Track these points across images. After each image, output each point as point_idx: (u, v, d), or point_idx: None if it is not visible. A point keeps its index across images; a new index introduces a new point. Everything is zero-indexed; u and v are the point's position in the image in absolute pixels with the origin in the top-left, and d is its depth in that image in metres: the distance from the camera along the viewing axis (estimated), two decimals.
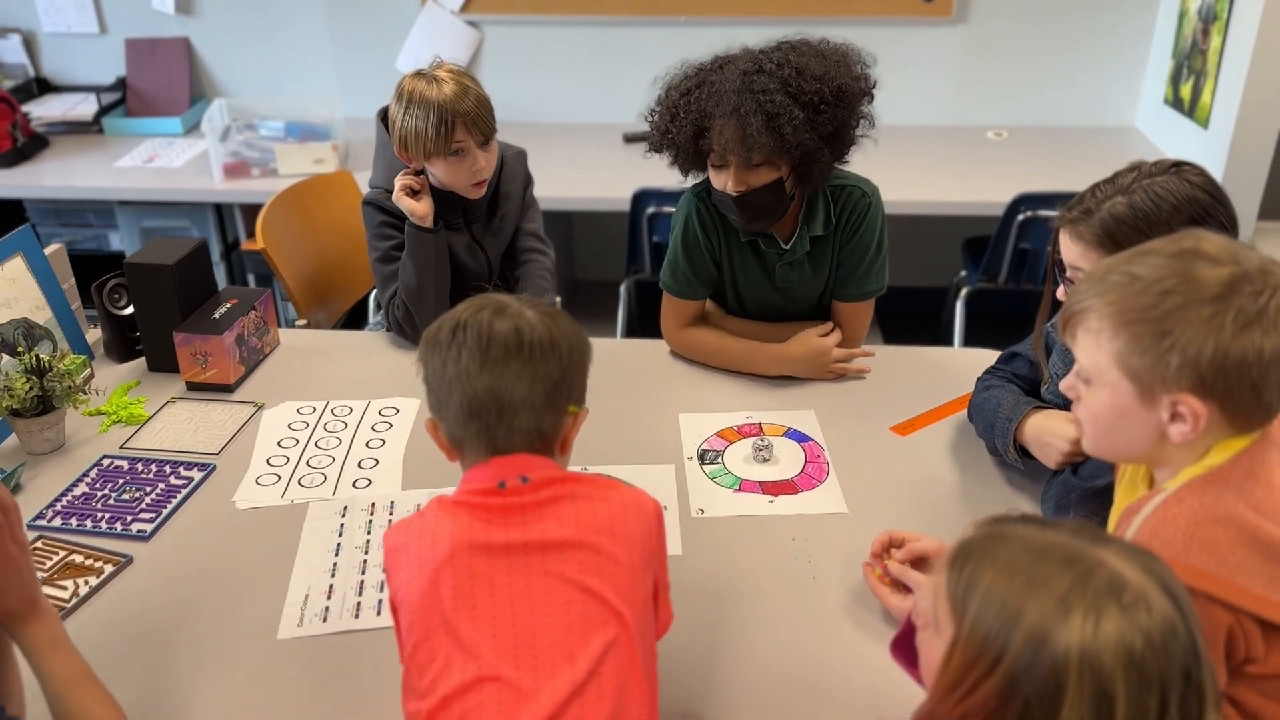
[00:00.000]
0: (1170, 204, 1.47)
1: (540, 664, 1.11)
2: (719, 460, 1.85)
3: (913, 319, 4.03)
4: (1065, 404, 1.69)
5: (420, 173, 2.14)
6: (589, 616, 1.14)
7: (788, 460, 1.84)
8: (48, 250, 2.10)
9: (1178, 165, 1.53)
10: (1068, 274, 1.56)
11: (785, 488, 1.78)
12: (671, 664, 1.38)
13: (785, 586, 1.56)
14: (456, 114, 2.01)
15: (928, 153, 3.66)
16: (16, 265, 2.02)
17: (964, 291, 3.45)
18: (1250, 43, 3.04)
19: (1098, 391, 1.20)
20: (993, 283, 3.34)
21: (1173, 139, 3.54)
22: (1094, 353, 1.19)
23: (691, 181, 2.06)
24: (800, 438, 1.90)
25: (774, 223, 2.00)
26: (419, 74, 2.08)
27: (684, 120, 1.87)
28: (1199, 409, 1.12)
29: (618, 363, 2.14)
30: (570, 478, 1.21)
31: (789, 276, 2.08)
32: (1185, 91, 3.46)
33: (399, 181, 2.12)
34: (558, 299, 2.44)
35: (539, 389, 1.19)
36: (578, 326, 1.28)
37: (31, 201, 3.75)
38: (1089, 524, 0.96)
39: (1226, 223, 1.50)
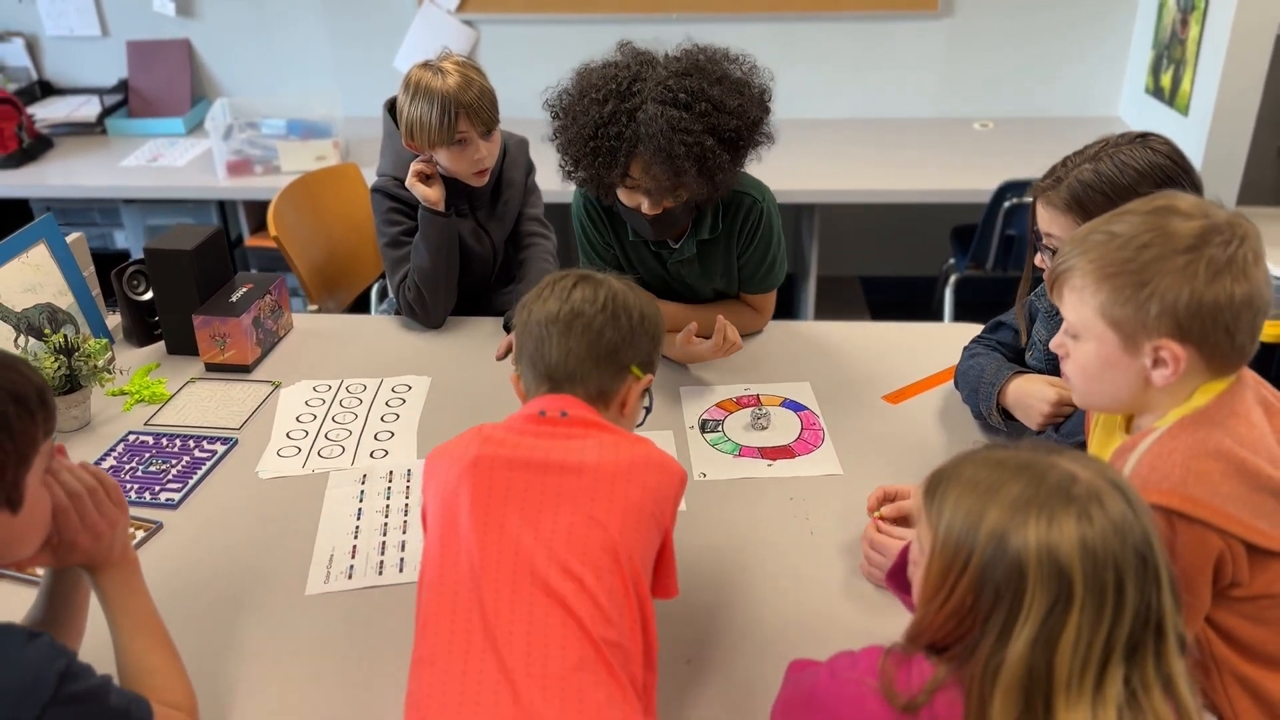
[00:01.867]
0: (1135, 170, 1.57)
1: (519, 587, 1.18)
2: (719, 429, 1.93)
3: (903, 307, 4.12)
4: (1047, 369, 1.78)
5: (429, 160, 2.22)
6: (589, 543, 1.20)
7: (784, 428, 1.93)
8: (69, 239, 2.18)
9: (1144, 136, 1.62)
10: (1043, 241, 1.65)
11: (783, 453, 1.86)
12: (676, 612, 1.47)
13: (785, 540, 1.65)
14: (460, 105, 2.10)
15: (915, 144, 3.75)
16: (40, 252, 2.10)
17: (952, 279, 3.54)
18: (1227, 31, 3.14)
19: (1085, 345, 1.29)
20: (980, 269, 3.43)
21: (1154, 127, 3.60)
22: (1079, 308, 1.28)
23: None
24: (796, 407, 1.99)
25: (679, 232, 2.09)
26: (426, 65, 2.17)
27: (608, 157, 1.90)
28: (1179, 352, 1.21)
29: None
30: (607, 426, 1.31)
31: (680, 271, 2.18)
32: (1165, 81, 3.55)
33: (414, 167, 2.20)
34: None
35: (603, 343, 1.32)
36: (655, 302, 1.42)
37: (38, 201, 3.83)
38: (1048, 443, 1.06)
39: (1191, 188, 1.59)
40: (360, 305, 2.99)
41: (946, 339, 2.18)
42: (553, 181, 2.44)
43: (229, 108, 3.71)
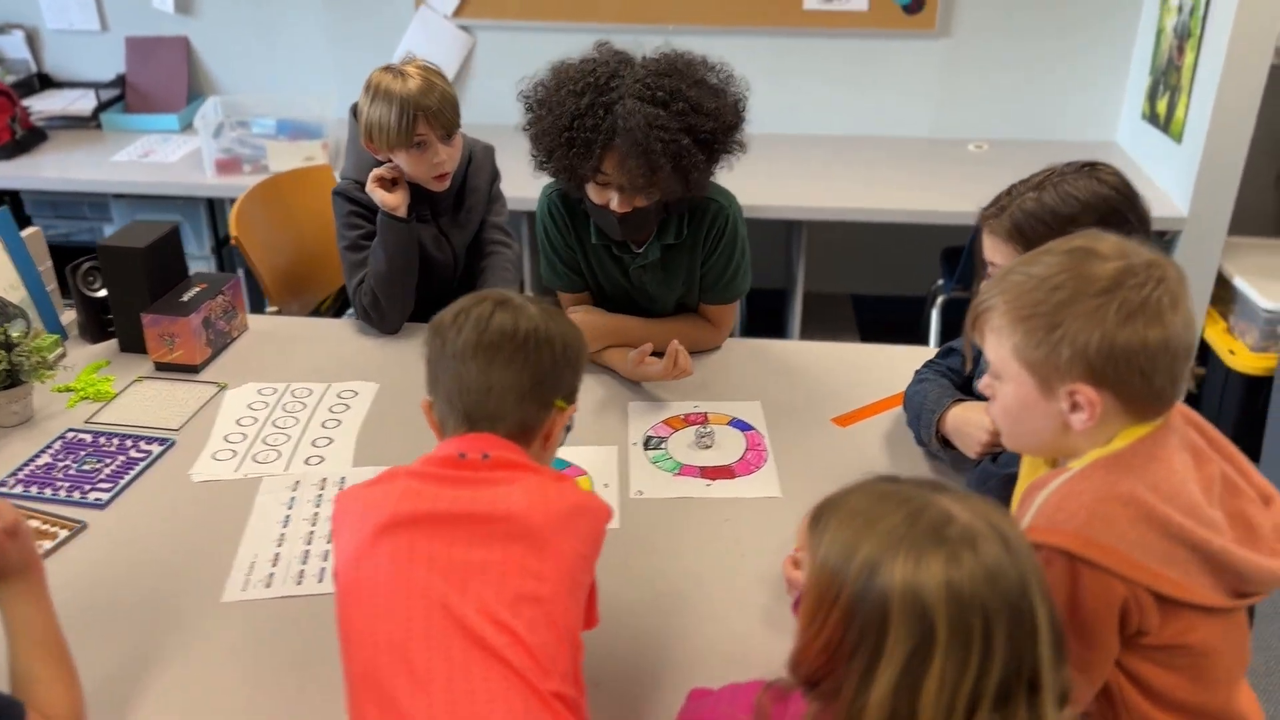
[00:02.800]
0: (1078, 200, 1.53)
1: (452, 650, 1.13)
2: (663, 446, 1.90)
3: (892, 327, 4.06)
4: None
5: (394, 166, 2.20)
6: (521, 595, 1.16)
7: (729, 447, 1.90)
8: (25, 234, 2.18)
9: (1092, 165, 1.59)
10: (988, 269, 1.62)
11: (723, 473, 1.83)
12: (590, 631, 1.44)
13: (711, 563, 1.62)
14: (419, 108, 2.08)
15: (909, 164, 3.71)
16: None
17: (940, 300, 3.50)
18: (1221, 59, 3.09)
19: (1005, 386, 1.26)
20: (966, 291, 3.39)
21: (1150, 154, 3.59)
22: (998, 349, 1.25)
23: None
24: (744, 427, 1.96)
25: (650, 234, 2.07)
26: (388, 68, 2.15)
27: (581, 149, 1.89)
28: (1094, 397, 1.18)
29: None
30: (531, 467, 1.26)
31: (642, 277, 2.15)
32: (1161, 107, 3.50)
33: (375, 172, 2.19)
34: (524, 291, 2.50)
35: (526, 377, 1.26)
36: (576, 328, 1.35)
37: (29, 193, 3.83)
38: (938, 480, 1.02)
39: (1137, 221, 1.56)
40: (345, 306, 2.97)
41: (908, 362, 2.14)
42: (519, 189, 2.44)
43: (221, 106, 3.71)
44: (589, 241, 2.13)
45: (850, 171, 3.66)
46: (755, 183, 3.46)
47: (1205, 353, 3.47)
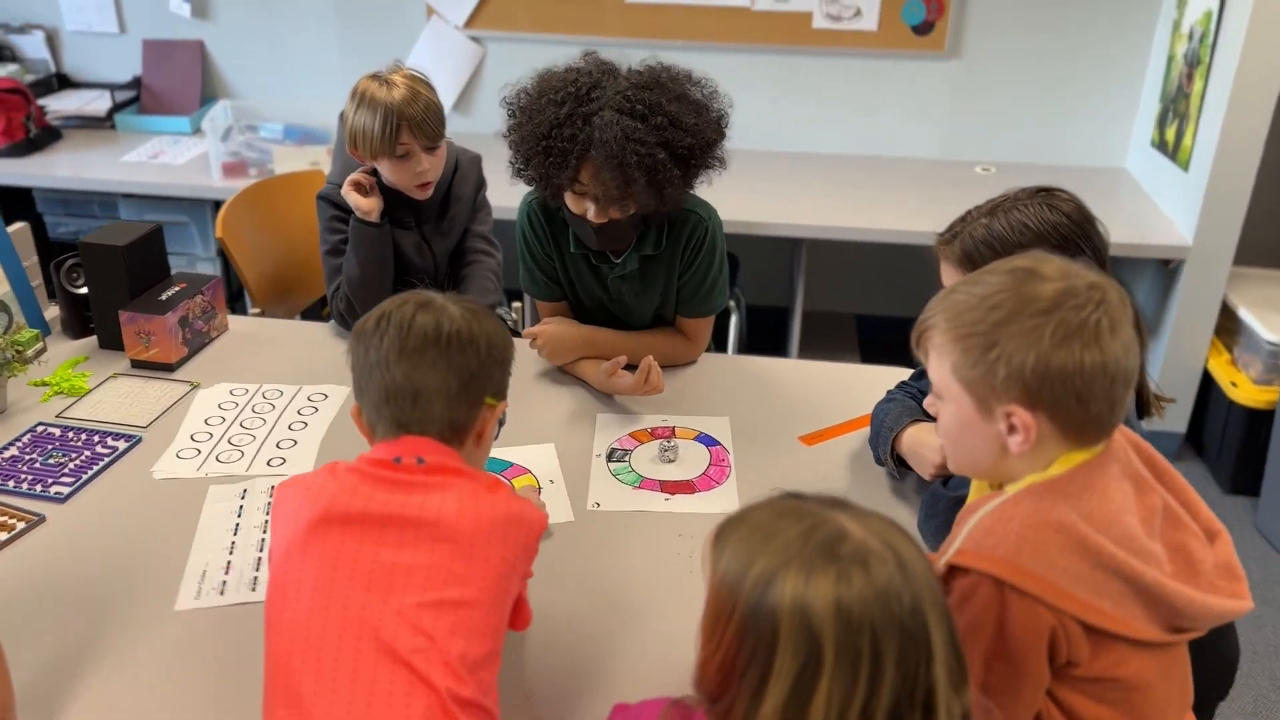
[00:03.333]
0: (1029, 229, 1.52)
1: (361, 656, 1.14)
2: (626, 459, 1.89)
3: (894, 347, 4.03)
4: None
5: (373, 171, 2.22)
6: (444, 599, 1.16)
7: (692, 462, 1.88)
8: (11, 229, 2.20)
9: (1047, 191, 1.57)
10: None
11: (683, 487, 1.82)
12: (526, 638, 1.43)
13: (659, 578, 1.60)
14: (403, 117, 2.09)
15: (916, 185, 3.69)
16: None
17: None
18: (1229, 87, 3.06)
19: (946, 406, 1.25)
20: None
21: (1158, 181, 3.55)
22: (938, 368, 1.23)
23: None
24: (709, 442, 1.94)
25: (628, 245, 2.07)
26: (375, 76, 2.17)
27: (558, 158, 1.89)
28: (1029, 420, 1.16)
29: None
30: (465, 472, 1.27)
31: (620, 288, 2.14)
32: (1170, 134, 3.47)
33: (351, 177, 2.20)
34: (506, 301, 2.50)
35: (453, 379, 1.27)
36: (501, 324, 1.35)
37: (40, 191, 3.88)
38: (846, 499, 1.01)
39: (1092, 250, 1.54)
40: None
41: (883, 382, 2.12)
42: (509, 197, 2.45)
43: (231, 109, 3.75)
44: (568, 251, 2.13)
45: (856, 191, 3.65)
46: (759, 200, 3.48)
47: (1208, 384, 3.43)
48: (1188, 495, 1.29)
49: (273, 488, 1.78)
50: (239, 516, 1.72)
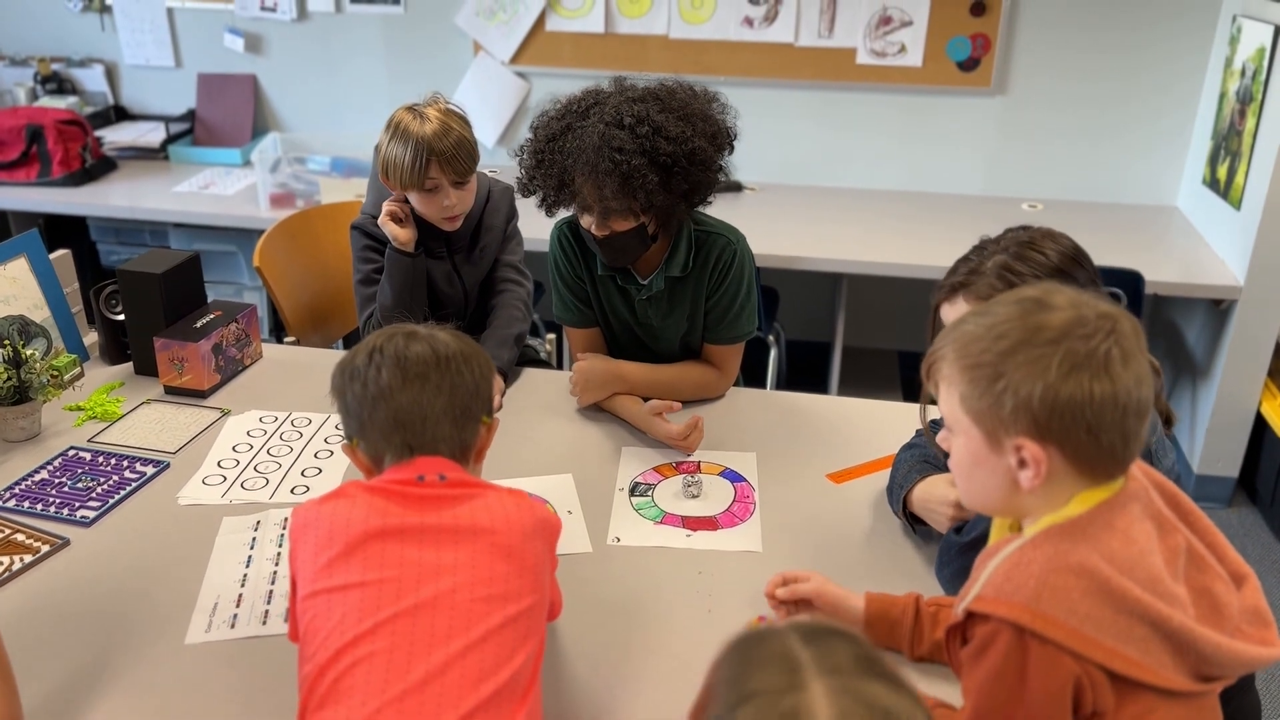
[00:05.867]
0: (1036, 255, 1.51)
1: (436, 632, 1.18)
2: (649, 494, 1.87)
3: None
4: None
5: (405, 200, 2.23)
6: (491, 598, 1.21)
7: (716, 498, 1.86)
8: (53, 256, 2.24)
9: (1039, 230, 1.57)
10: None
11: (706, 524, 1.79)
12: (549, 676, 1.41)
13: (677, 616, 1.58)
14: (433, 152, 2.10)
15: (960, 221, 3.65)
16: (19, 266, 2.16)
17: None
18: None
19: (957, 440, 1.21)
20: None
21: (1209, 220, 3.48)
22: (948, 400, 1.20)
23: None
24: (735, 478, 1.92)
25: (637, 260, 2.08)
26: (411, 108, 2.18)
27: (549, 169, 1.96)
28: (1039, 454, 1.12)
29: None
30: (486, 485, 1.31)
31: (648, 311, 2.14)
32: (1221, 172, 3.40)
33: (385, 206, 2.22)
34: (540, 332, 2.50)
35: (458, 399, 1.30)
36: (478, 345, 1.38)
37: (94, 219, 3.98)
38: (863, 642, 0.92)
39: (1087, 278, 1.53)
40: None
41: (916, 419, 2.08)
42: (538, 230, 2.45)
43: (280, 142, 3.82)
44: (597, 272, 2.14)
45: (900, 226, 3.61)
46: (801, 234, 3.46)
47: (1262, 427, 3.33)
48: (1213, 537, 1.24)
49: (286, 518, 1.78)
50: (251, 548, 1.71)
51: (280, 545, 1.72)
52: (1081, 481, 1.15)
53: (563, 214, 2.11)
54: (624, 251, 2.03)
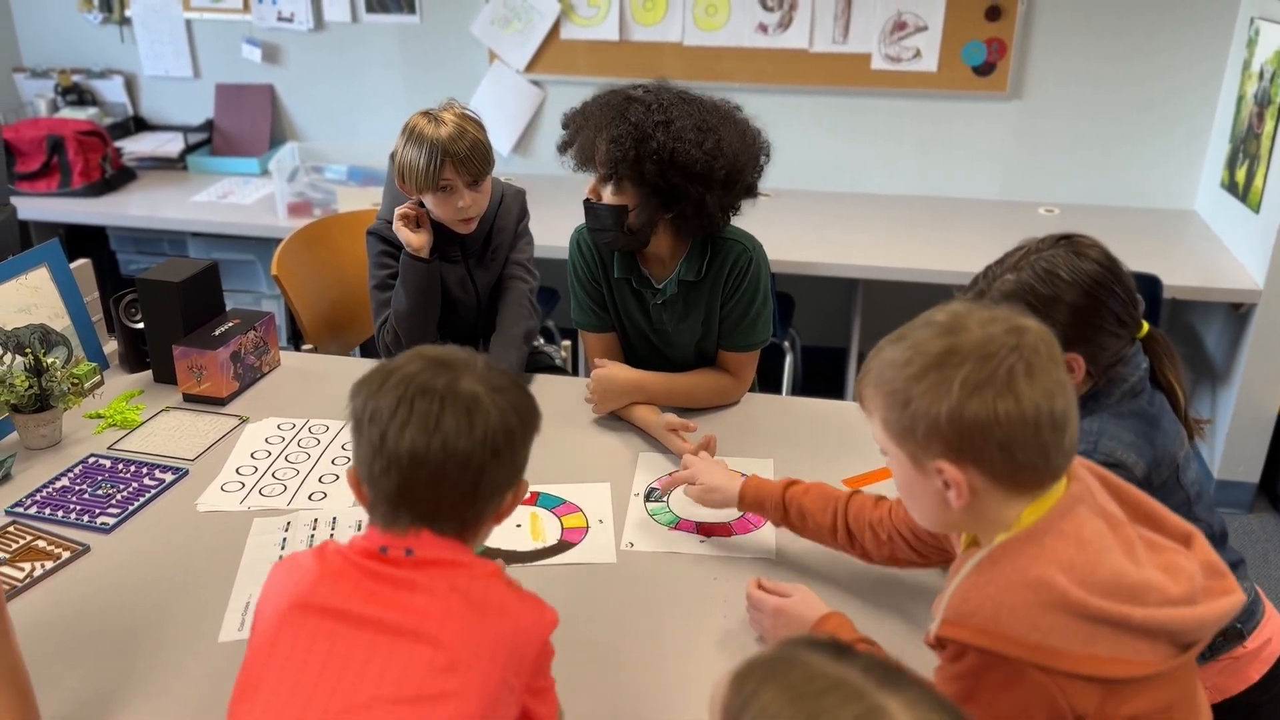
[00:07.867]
0: (1063, 278, 1.49)
1: None
2: (663, 499, 1.87)
3: None
4: None
5: (420, 205, 2.25)
6: (415, 700, 1.09)
7: None
8: (74, 265, 2.26)
9: (1069, 238, 1.54)
10: None
11: (720, 530, 1.79)
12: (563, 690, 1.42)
13: (691, 623, 1.58)
14: (448, 153, 2.12)
15: (977, 226, 3.64)
16: (40, 275, 2.18)
17: None
18: None
19: (891, 463, 1.22)
20: None
21: (1228, 224, 3.46)
22: (874, 424, 1.21)
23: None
24: None
25: (614, 245, 2.10)
26: (426, 112, 2.20)
27: (586, 117, 2.09)
28: (957, 475, 1.12)
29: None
30: (459, 565, 1.15)
31: (662, 316, 2.15)
32: (1240, 175, 3.38)
33: (399, 211, 2.23)
34: (555, 339, 2.50)
35: (482, 487, 1.16)
36: (530, 398, 1.23)
37: (114, 229, 4.01)
38: (886, 660, 0.90)
39: (1124, 295, 1.51)
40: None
41: None
42: (551, 237, 2.46)
43: (298, 151, 3.84)
44: (613, 275, 2.16)
45: (916, 231, 3.61)
46: (817, 240, 3.46)
47: None
48: (1149, 506, 1.25)
49: (315, 519, 1.80)
50: (282, 549, 1.73)
51: (310, 545, 1.72)
52: (1010, 496, 1.15)
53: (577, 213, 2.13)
54: (599, 224, 2.06)
